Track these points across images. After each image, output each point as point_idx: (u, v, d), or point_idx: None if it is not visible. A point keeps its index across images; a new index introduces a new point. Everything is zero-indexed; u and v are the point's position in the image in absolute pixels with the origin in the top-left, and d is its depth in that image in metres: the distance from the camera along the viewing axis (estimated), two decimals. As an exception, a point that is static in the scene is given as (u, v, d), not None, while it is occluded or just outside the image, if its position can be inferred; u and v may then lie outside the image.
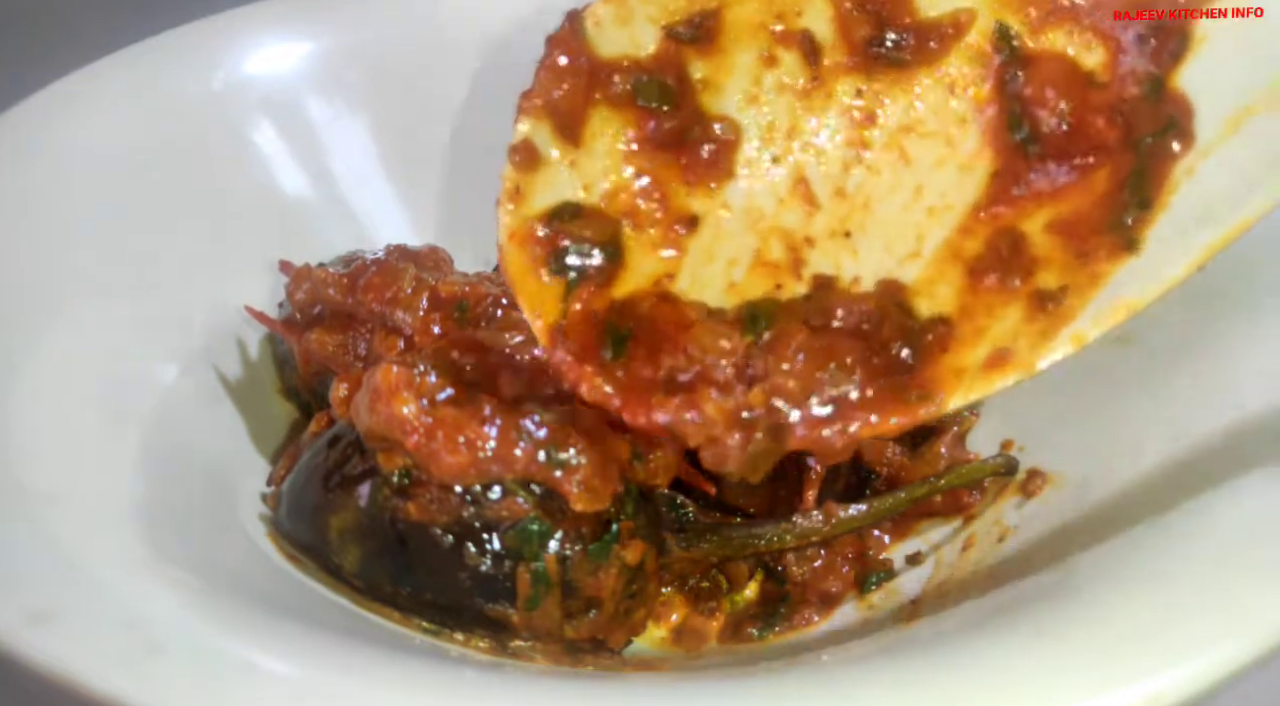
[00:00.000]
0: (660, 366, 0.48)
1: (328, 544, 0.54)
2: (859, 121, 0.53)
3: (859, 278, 0.52)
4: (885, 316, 0.49)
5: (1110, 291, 0.48)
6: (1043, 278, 0.49)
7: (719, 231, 0.52)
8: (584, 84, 0.51)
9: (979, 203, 0.52)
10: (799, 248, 0.52)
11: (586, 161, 0.51)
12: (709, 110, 0.53)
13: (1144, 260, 0.48)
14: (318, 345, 0.63)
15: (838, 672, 0.44)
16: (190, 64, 0.72)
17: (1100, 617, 0.40)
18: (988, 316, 0.49)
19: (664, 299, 0.51)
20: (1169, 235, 0.48)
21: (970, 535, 0.60)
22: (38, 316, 0.55)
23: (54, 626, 0.38)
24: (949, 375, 0.48)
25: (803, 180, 0.53)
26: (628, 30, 0.52)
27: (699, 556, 0.59)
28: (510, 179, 0.51)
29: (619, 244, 0.51)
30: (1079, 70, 0.51)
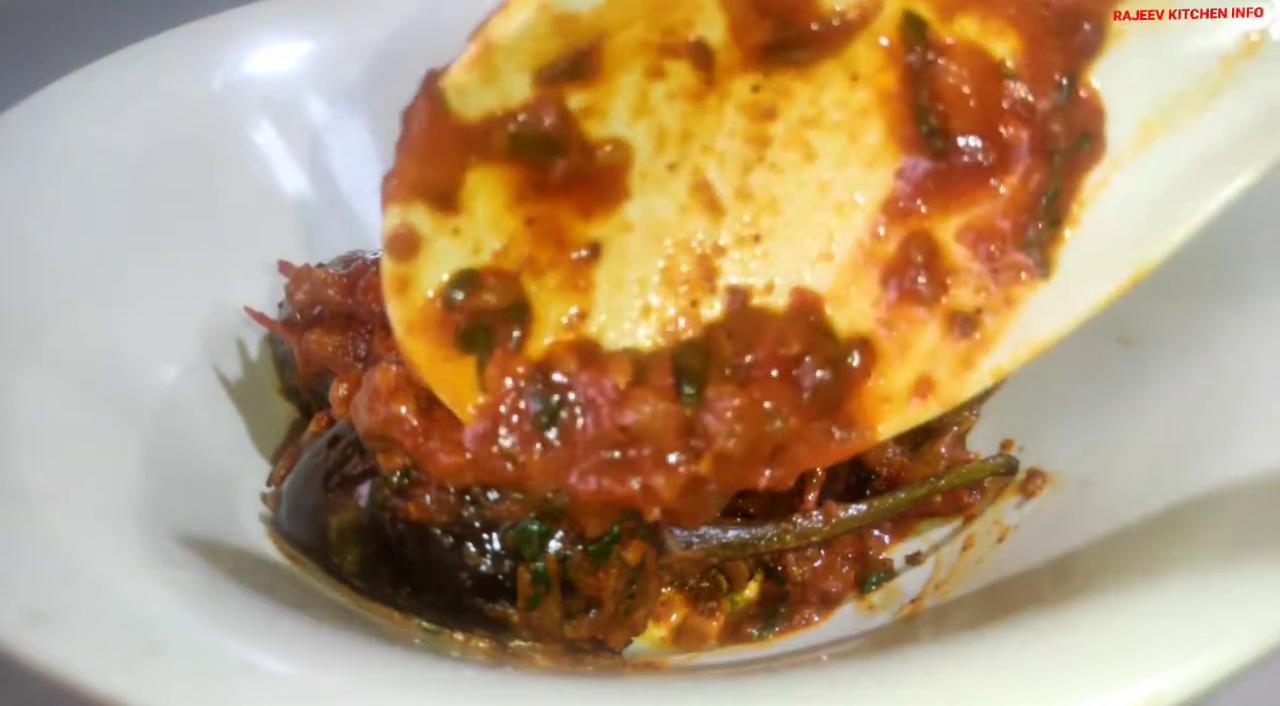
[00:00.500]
0: (600, 436, 0.48)
1: (328, 544, 0.54)
2: (758, 118, 0.50)
3: (772, 284, 0.50)
4: (812, 351, 0.48)
5: (1026, 321, 0.47)
6: (958, 295, 0.48)
7: (624, 254, 0.50)
8: (453, 151, 0.47)
9: (887, 202, 0.49)
10: (709, 257, 0.50)
11: (470, 225, 0.48)
12: (593, 136, 0.48)
13: (1056, 287, 0.47)
14: (317, 346, 0.63)
15: (837, 672, 0.44)
16: (190, 64, 0.72)
17: (1100, 617, 0.40)
18: (908, 332, 0.49)
19: (587, 360, 0.49)
20: (1080, 259, 0.47)
21: (970, 535, 0.60)
22: (37, 316, 0.55)
23: (54, 626, 0.38)
24: (877, 403, 0.49)
25: (703, 184, 0.50)
26: (495, 87, 0.47)
27: (699, 556, 0.59)
28: (392, 273, 0.48)
29: (522, 297, 0.49)
30: (989, 60, 0.48)
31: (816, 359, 0.48)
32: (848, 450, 0.49)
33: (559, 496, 0.50)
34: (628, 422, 0.47)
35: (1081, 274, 0.47)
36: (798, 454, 0.48)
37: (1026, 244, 0.47)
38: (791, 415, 0.48)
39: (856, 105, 0.49)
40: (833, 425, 0.48)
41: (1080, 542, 0.50)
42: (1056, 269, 0.47)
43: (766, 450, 0.48)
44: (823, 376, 0.48)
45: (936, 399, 0.48)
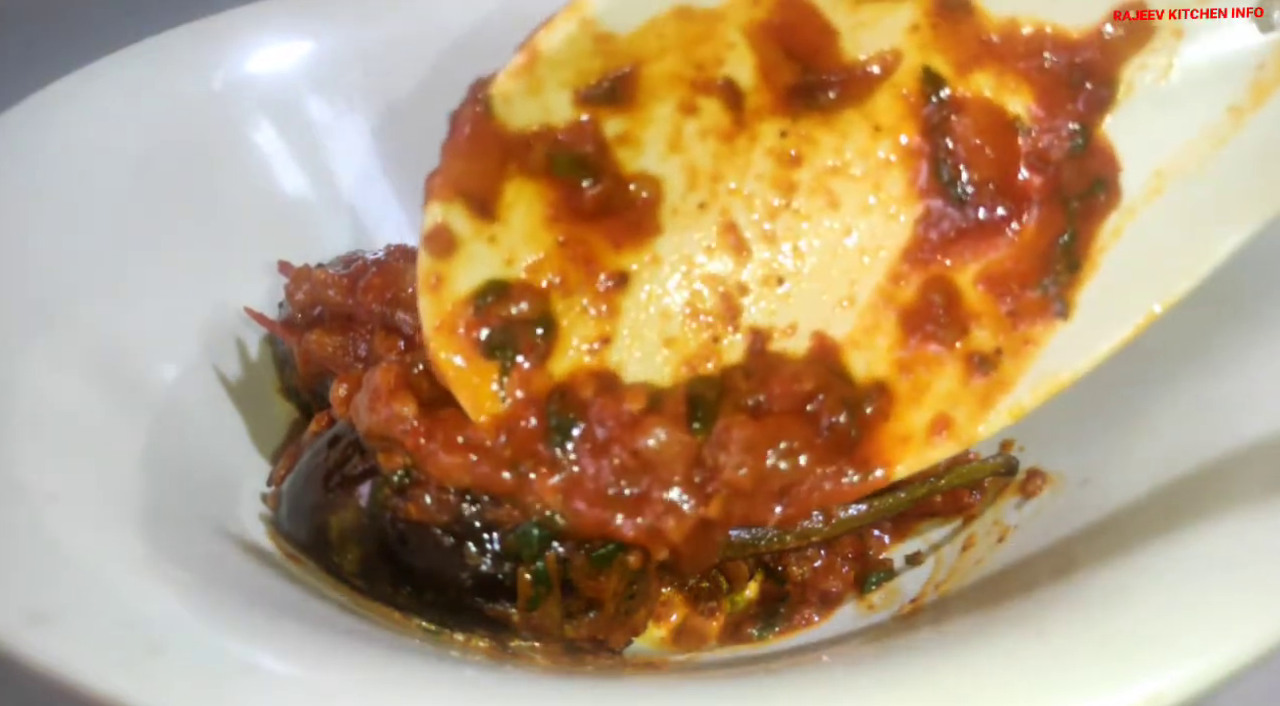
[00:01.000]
0: (610, 462, 0.48)
1: (328, 544, 0.54)
2: (785, 163, 0.52)
3: (794, 325, 0.51)
4: (826, 390, 0.49)
5: (1045, 361, 0.48)
6: (977, 337, 0.49)
7: (651, 286, 0.52)
8: (496, 159, 0.49)
9: (908, 249, 0.51)
10: (732, 295, 0.52)
11: (505, 235, 0.49)
12: (628, 169, 0.50)
13: (1076, 326, 0.48)
14: (317, 346, 0.63)
15: (837, 673, 0.44)
16: (190, 64, 0.72)
17: (1100, 617, 0.40)
18: (926, 374, 0.50)
19: (605, 387, 0.50)
20: (1099, 300, 0.48)
21: (970, 535, 0.60)
22: (37, 316, 0.55)
23: (53, 626, 0.38)
24: (895, 443, 0.49)
25: (731, 226, 0.52)
26: (539, 99, 0.49)
27: (699, 556, 0.59)
28: (428, 269, 0.49)
29: (550, 315, 0.50)
30: (1005, 116, 0.50)
31: (832, 401, 0.49)
32: (863, 490, 0.50)
33: (560, 518, 0.50)
34: (640, 448, 0.48)
35: (1101, 314, 0.48)
36: (809, 493, 0.49)
37: (1045, 287, 0.49)
38: (804, 452, 0.49)
39: (879, 156, 0.51)
40: (848, 465, 0.49)
41: (1080, 542, 0.50)
42: (1076, 310, 0.48)
43: (776, 485, 0.49)
44: (838, 418, 0.49)
45: (955, 438, 0.49)
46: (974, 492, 0.62)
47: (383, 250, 0.66)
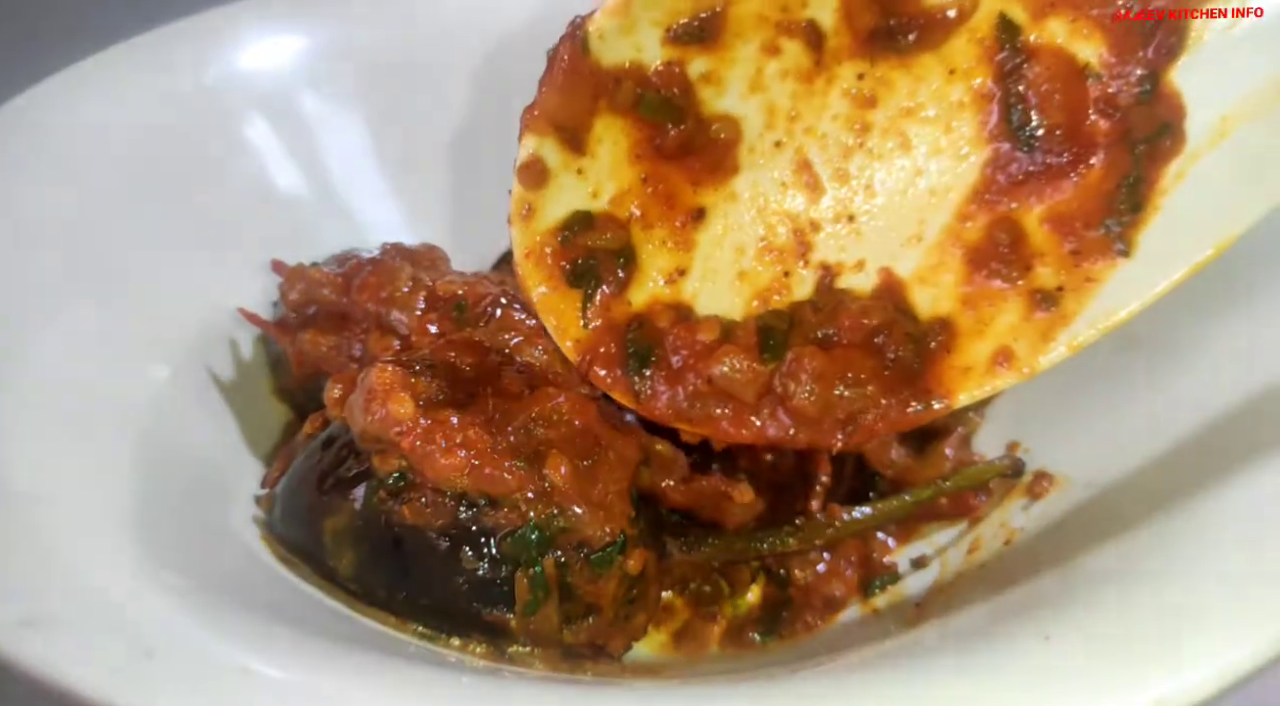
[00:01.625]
0: (684, 388, 0.51)
1: (322, 547, 0.54)
2: (860, 104, 0.54)
3: (863, 262, 0.53)
4: (892, 325, 0.51)
5: (1105, 298, 0.50)
6: (1040, 274, 0.51)
7: (726, 221, 0.54)
8: (588, 94, 0.52)
9: (977, 189, 0.53)
10: (804, 232, 0.54)
11: (593, 168, 0.52)
12: (709, 109, 0.53)
13: (1136, 265, 0.50)
14: (311, 346, 0.63)
15: (841, 677, 0.44)
16: (185, 60, 0.71)
17: (1107, 621, 0.40)
18: (989, 309, 0.51)
19: (680, 318, 0.52)
20: (1160, 241, 0.49)
21: (976, 538, 0.60)
22: (26, 318, 0.54)
23: (46, 631, 0.38)
24: (957, 374, 0.51)
25: (806, 164, 0.54)
26: (630, 38, 0.52)
27: (700, 560, 0.58)
28: (520, 198, 0.52)
29: (630, 246, 0.53)
30: (1076, 64, 0.52)
31: (898, 335, 0.51)
32: (923, 418, 0.51)
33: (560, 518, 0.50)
34: (713, 375, 0.51)
35: (1161, 254, 0.50)
36: (873, 421, 0.51)
37: (1108, 227, 0.50)
38: (870, 382, 0.51)
39: (952, 99, 0.53)
40: (911, 395, 0.51)
41: (1087, 545, 0.50)
42: (1137, 250, 0.50)
43: (842, 413, 0.51)
44: (903, 352, 0.51)
45: (1015, 369, 0.51)
46: (980, 495, 0.62)
47: (378, 248, 0.66)
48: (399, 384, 0.51)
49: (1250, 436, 0.49)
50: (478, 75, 0.78)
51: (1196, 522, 0.45)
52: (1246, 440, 0.49)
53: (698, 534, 0.58)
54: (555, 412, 0.52)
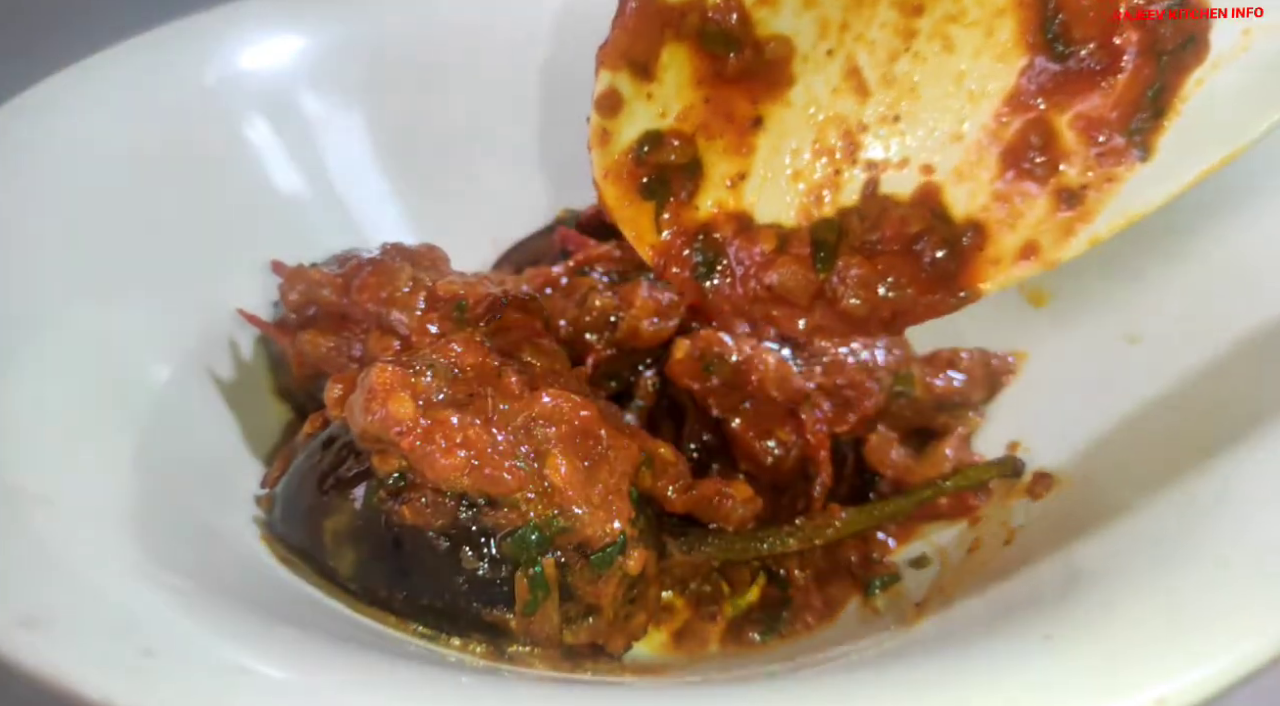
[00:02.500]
0: (747, 290, 0.56)
1: (322, 547, 0.54)
2: (907, 12, 0.57)
3: (907, 159, 0.58)
4: (930, 231, 0.55)
5: (1123, 197, 0.53)
6: (1067, 174, 0.54)
7: (782, 126, 0.59)
8: (655, 28, 0.56)
9: (1012, 93, 0.56)
10: (853, 132, 0.58)
11: (660, 92, 0.57)
12: (766, 31, 0.57)
13: (1155, 168, 0.52)
14: (310, 346, 0.63)
15: (840, 677, 0.44)
16: (183, 60, 0.71)
17: (1107, 621, 0.40)
18: (1019, 205, 0.55)
19: (742, 228, 0.58)
20: (1178, 145, 0.52)
21: (976, 538, 0.60)
22: (27, 317, 0.54)
23: (46, 631, 0.38)
24: (986, 265, 0.54)
25: (855, 70, 0.58)
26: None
27: (700, 560, 0.58)
28: (598, 126, 0.57)
29: (696, 157, 0.58)
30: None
31: (935, 240, 0.55)
32: (956, 308, 0.55)
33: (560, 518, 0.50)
34: (771, 282, 0.56)
35: (1178, 156, 0.52)
36: (912, 314, 0.55)
37: (1131, 132, 0.53)
38: (910, 285, 0.55)
39: (993, 5, 0.56)
40: (946, 292, 0.55)
41: (1088, 545, 0.50)
42: (1156, 153, 0.53)
43: (887, 312, 0.55)
44: (940, 255, 0.55)
45: (1039, 261, 0.54)
46: (980, 495, 0.62)
47: (378, 248, 0.66)
48: (399, 384, 0.51)
49: (1250, 436, 0.49)
50: (478, 75, 0.78)
51: (1196, 522, 0.45)
52: (1247, 440, 0.49)
53: (698, 534, 0.58)
54: (555, 413, 0.52)
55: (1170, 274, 0.61)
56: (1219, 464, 0.48)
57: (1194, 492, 0.47)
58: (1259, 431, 0.49)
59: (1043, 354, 0.66)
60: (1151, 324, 0.60)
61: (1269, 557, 0.41)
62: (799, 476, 0.62)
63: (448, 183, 0.78)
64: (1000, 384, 0.66)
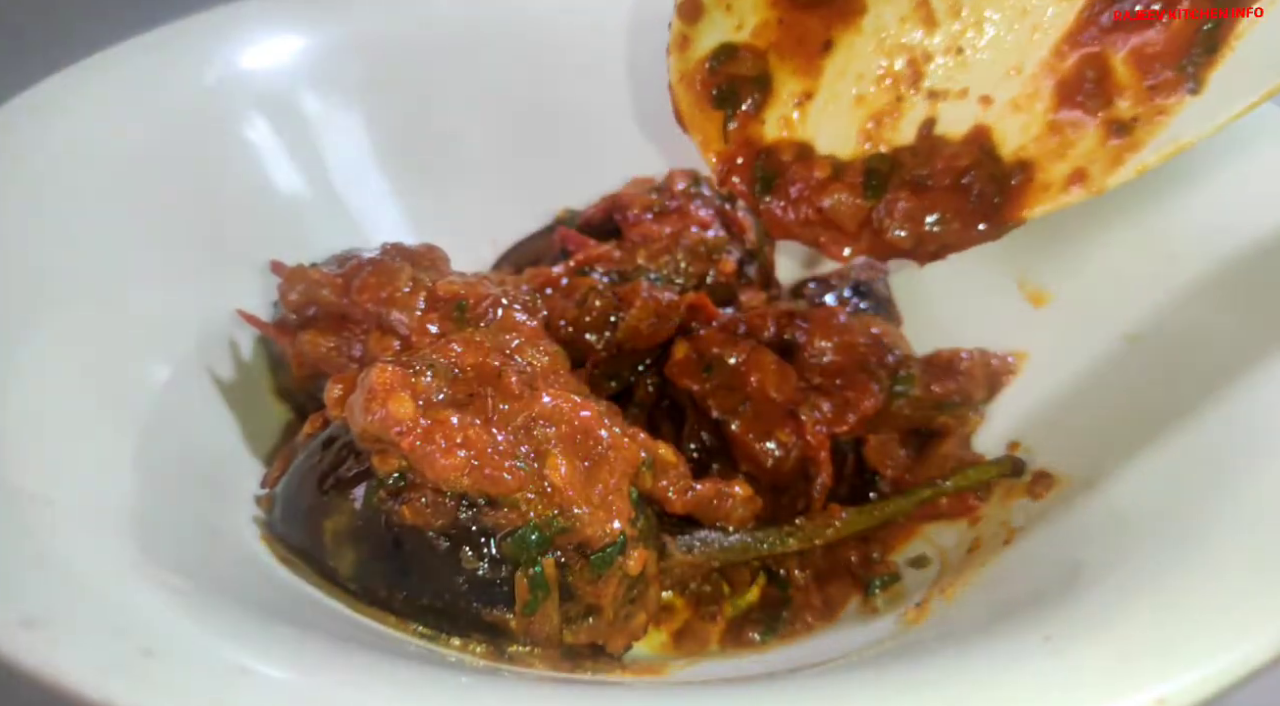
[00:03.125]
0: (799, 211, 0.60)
1: (322, 547, 0.54)
2: None
3: (967, 90, 0.60)
4: (979, 166, 0.58)
5: (1172, 128, 0.55)
6: (1119, 107, 0.56)
7: (851, 51, 0.63)
8: None
9: (1072, 29, 0.59)
10: (918, 62, 0.61)
11: (739, 4, 0.61)
12: None
13: (1204, 101, 0.54)
14: (310, 347, 0.63)
15: (840, 677, 0.44)
16: (184, 60, 0.71)
17: (1107, 622, 0.40)
18: (1071, 135, 0.57)
19: (801, 155, 0.61)
20: (1229, 79, 0.54)
21: (976, 538, 0.60)
22: (27, 317, 0.54)
23: (46, 631, 0.38)
24: (1036, 193, 0.57)
25: (924, 1, 0.61)
26: None
27: (700, 560, 0.58)
28: (678, 31, 0.61)
29: (766, 73, 0.61)
30: None
31: (983, 176, 0.58)
32: (999, 236, 0.58)
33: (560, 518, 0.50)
34: (823, 206, 0.59)
35: (1226, 90, 0.54)
36: (956, 246, 0.58)
37: (1183, 67, 0.55)
38: (955, 220, 0.58)
39: None
40: (991, 225, 0.58)
41: (1088, 545, 0.50)
42: (1207, 87, 0.54)
43: (932, 245, 0.59)
44: (986, 188, 0.57)
45: (1087, 188, 0.56)
46: (980, 495, 0.62)
47: (378, 248, 0.66)
48: (399, 384, 0.51)
49: (1250, 435, 0.49)
50: (478, 75, 0.78)
51: (1196, 522, 0.45)
52: (1246, 439, 0.49)
53: (698, 534, 0.58)
54: (555, 413, 0.52)
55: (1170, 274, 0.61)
56: (1220, 465, 0.48)
57: (1194, 492, 0.47)
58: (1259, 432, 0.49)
59: (1043, 354, 0.66)
60: (1151, 324, 0.60)
61: (1269, 558, 0.41)
62: (799, 477, 0.62)
63: (448, 183, 0.78)
64: (1000, 384, 0.66)
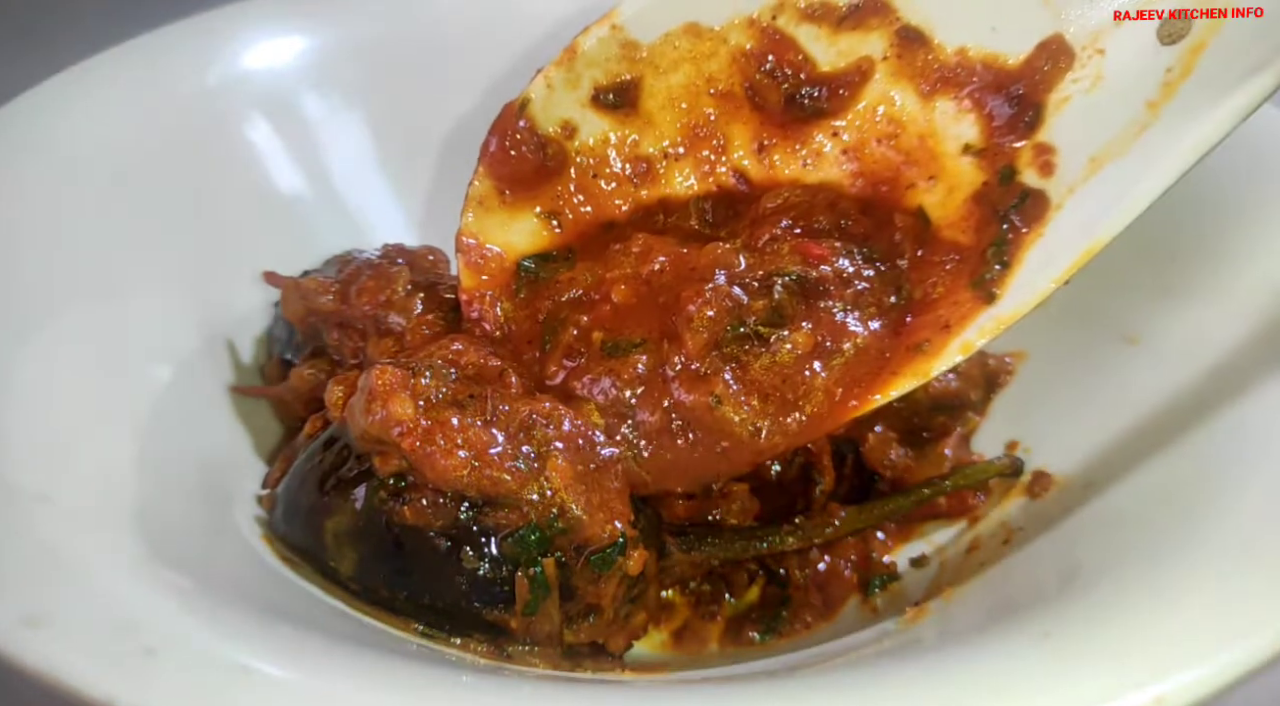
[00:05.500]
0: None
1: (323, 547, 0.54)
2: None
3: None
4: None
5: (964, 335, 0.55)
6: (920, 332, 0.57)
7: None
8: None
9: None
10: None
11: None
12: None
13: (998, 308, 0.55)
14: (299, 380, 0.63)
15: (839, 676, 0.44)
16: (185, 60, 0.71)
17: (1106, 621, 0.40)
18: None
19: None
20: (1021, 284, 0.55)
21: (975, 537, 0.60)
22: (30, 317, 0.54)
23: (48, 629, 0.38)
24: None
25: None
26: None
27: (700, 559, 0.58)
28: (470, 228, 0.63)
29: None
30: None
31: None
32: None
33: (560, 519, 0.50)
34: None
35: (1015, 299, 0.55)
36: None
37: (977, 284, 0.56)
38: None
39: None
40: None
41: (1086, 545, 0.50)
42: (1002, 297, 0.56)
43: None
44: None
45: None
46: (979, 494, 0.62)
47: (378, 249, 0.66)
48: (399, 384, 0.51)
49: (1250, 435, 0.49)
50: (478, 75, 0.78)
51: (1196, 521, 0.45)
52: (1246, 440, 0.49)
53: (698, 534, 0.58)
54: (556, 413, 0.52)
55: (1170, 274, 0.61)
56: (1219, 464, 0.48)
57: (1193, 492, 0.47)
58: (1257, 432, 0.49)
59: (1042, 354, 0.66)
60: (1150, 324, 0.60)
61: (1267, 558, 0.41)
62: (800, 479, 0.62)
63: (448, 183, 0.78)
64: (998, 384, 0.67)
